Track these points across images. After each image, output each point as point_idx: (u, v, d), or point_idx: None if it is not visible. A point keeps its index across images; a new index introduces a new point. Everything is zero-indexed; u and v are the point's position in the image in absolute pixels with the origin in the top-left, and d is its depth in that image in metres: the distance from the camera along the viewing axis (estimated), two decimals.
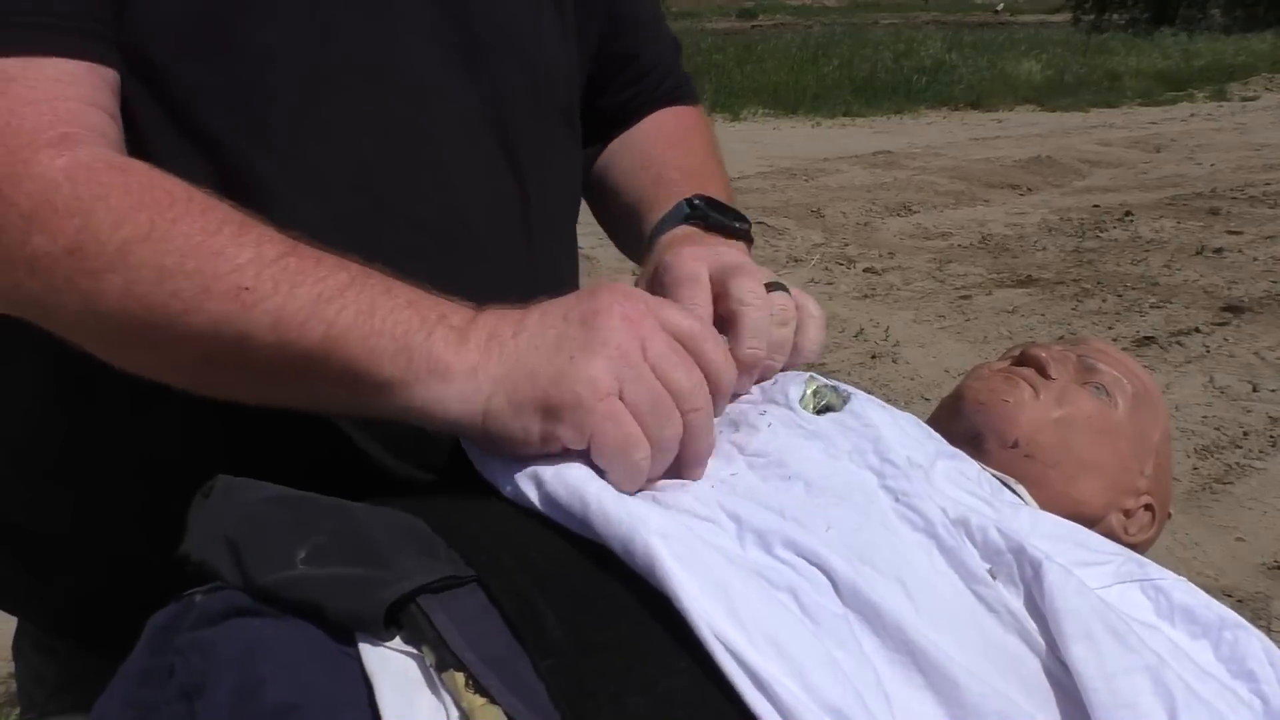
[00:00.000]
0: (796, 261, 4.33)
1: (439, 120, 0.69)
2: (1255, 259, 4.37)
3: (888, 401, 0.67)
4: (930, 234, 4.85)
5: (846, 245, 4.63)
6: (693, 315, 0.62)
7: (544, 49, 0.77)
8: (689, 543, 0.52)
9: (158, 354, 0.57)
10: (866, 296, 3.97)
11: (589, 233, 0.94)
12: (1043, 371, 0.87)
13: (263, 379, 0.57)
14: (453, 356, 0.57)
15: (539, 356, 0.58)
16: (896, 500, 0.61)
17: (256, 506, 0.54)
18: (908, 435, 0.68)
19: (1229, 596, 2.10)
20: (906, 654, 0.54)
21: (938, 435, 0.73)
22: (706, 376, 0.60)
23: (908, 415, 0.74)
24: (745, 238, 0.81)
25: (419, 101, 0.68)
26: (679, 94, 0.95)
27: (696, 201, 0.81)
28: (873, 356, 3.35)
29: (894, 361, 3.32)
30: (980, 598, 0.57)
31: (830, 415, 0.68)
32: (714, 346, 0.61)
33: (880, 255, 4.48)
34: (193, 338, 0.55)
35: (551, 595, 0.51)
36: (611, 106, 0.90)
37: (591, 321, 0.58)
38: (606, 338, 0.57)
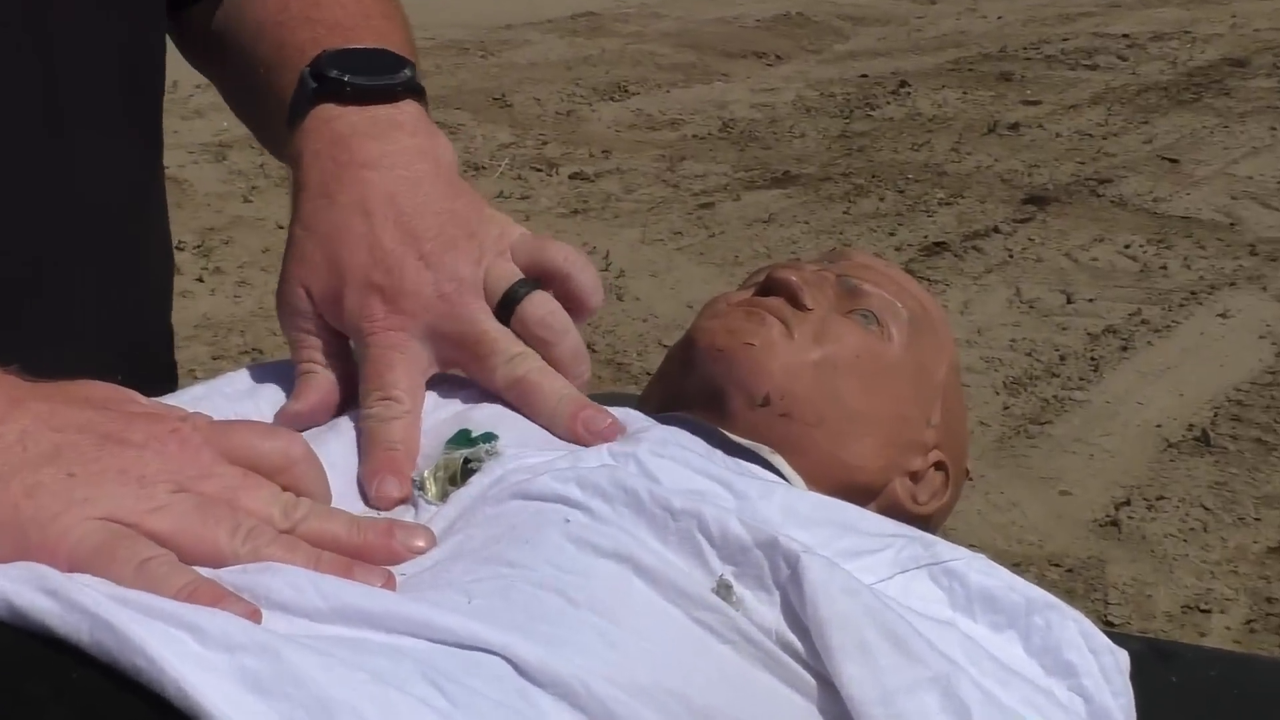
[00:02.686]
0: (478, 169, 4.33)
1: None
2: (1058, 135, 4.76)
3: (615, 354, 0.69)
4: (656, 122, 4.98)
5: (545, 144, 4.67)
6: (279, 434, 0.70)
7: None
8: (278, 670, 0.53)
9: None
10: (577, 212, 4.03)
11: (178, 145, 0.92)
12: (795, 301, 0.90)
13: None
14: None
15: (17, 460, 0.62)
16: (568, 527, 0.63)
17: None
18: None
19: (1057, 566, 2.30)
20: None
21: (637, 414, 0.75)
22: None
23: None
24: (412, 92, 0.84)
25: None
26: None
27: (324, 61, 0.83)
28: None
29: (619, 298, 3.39)
30: (706, 626, 0.59)
31: (472, 479, 0.71)
32: (308, 468, 0.69)
33: (591, 155, 4.55)
34: None
35: None
36: None
37: (121, 437, 0.64)
38: (126, 465, 0.63)
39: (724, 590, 0.60)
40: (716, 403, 0.87)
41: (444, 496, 0.70)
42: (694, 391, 0.89)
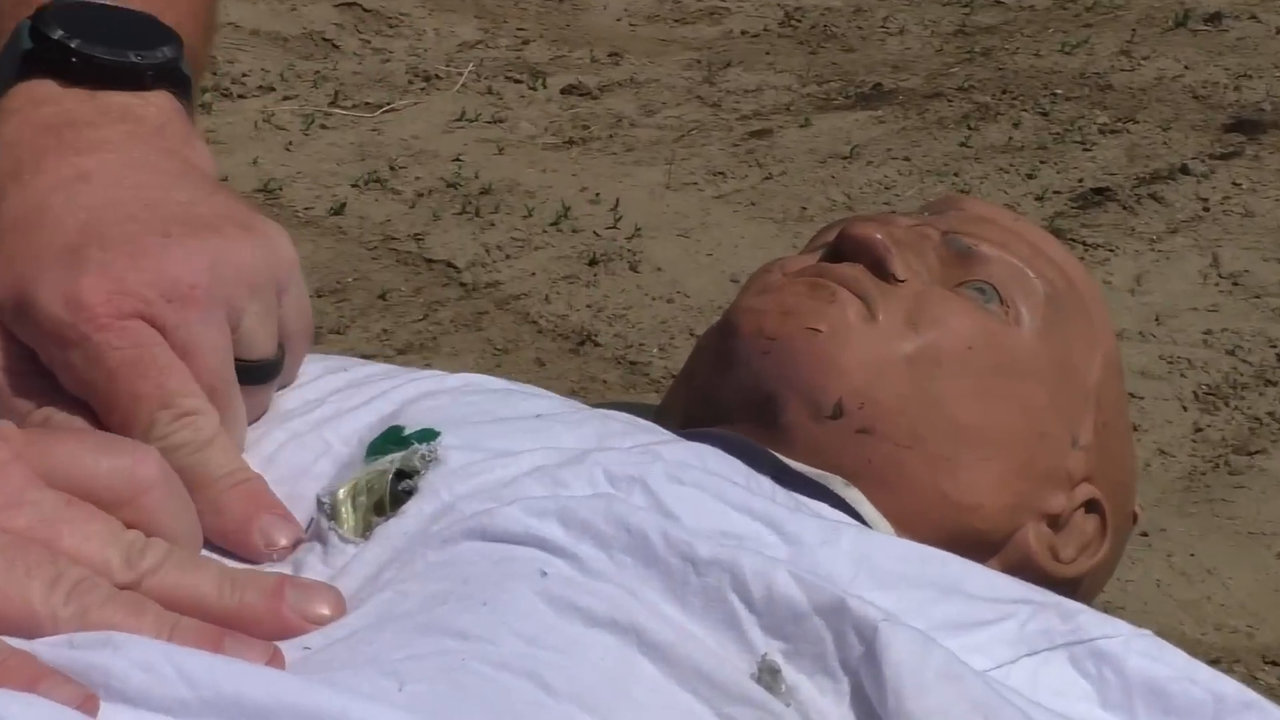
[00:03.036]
0: (429, 80, 4.35)
1: None
2: (1277, 31, 4.74)
3: (627, 348, 0.69)
4: (687, 11, 4.98)
5: (526, 43, 4.68)
6: (122, 449, 0.71)
7: None
8: None
9: None
10: (572, 143, 4.04)
11: None
12: (880, 268, 0.92)
13: None
14: None
15: None
16: (546, 582, 0.64)
17: None
18: (586, 441, 0.73)
19: (1275, 665, 2.29)
20: None
21: (650, 425, 0.75)
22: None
23: (561, 404, 0.80)
24: (170, 81, 0.86)
25: None
26: None
27: (52, 15, 0.85)
28: (591, 262, 3.41)
29: (633, 268, 3.40)
30: None
31: (408, 506, 0.72)
32: (164, 497, 0.70)
33: (594, 59, 4.56)
34: None
35: None
36: None
37: None
38: None
39: (769, 675, 0.61)
40: (766, 413, 0.88)
41: (366, 530, 0.72)
42: (734, 398, 0.90)
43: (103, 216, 0.77)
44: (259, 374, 0.81)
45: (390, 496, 0.73)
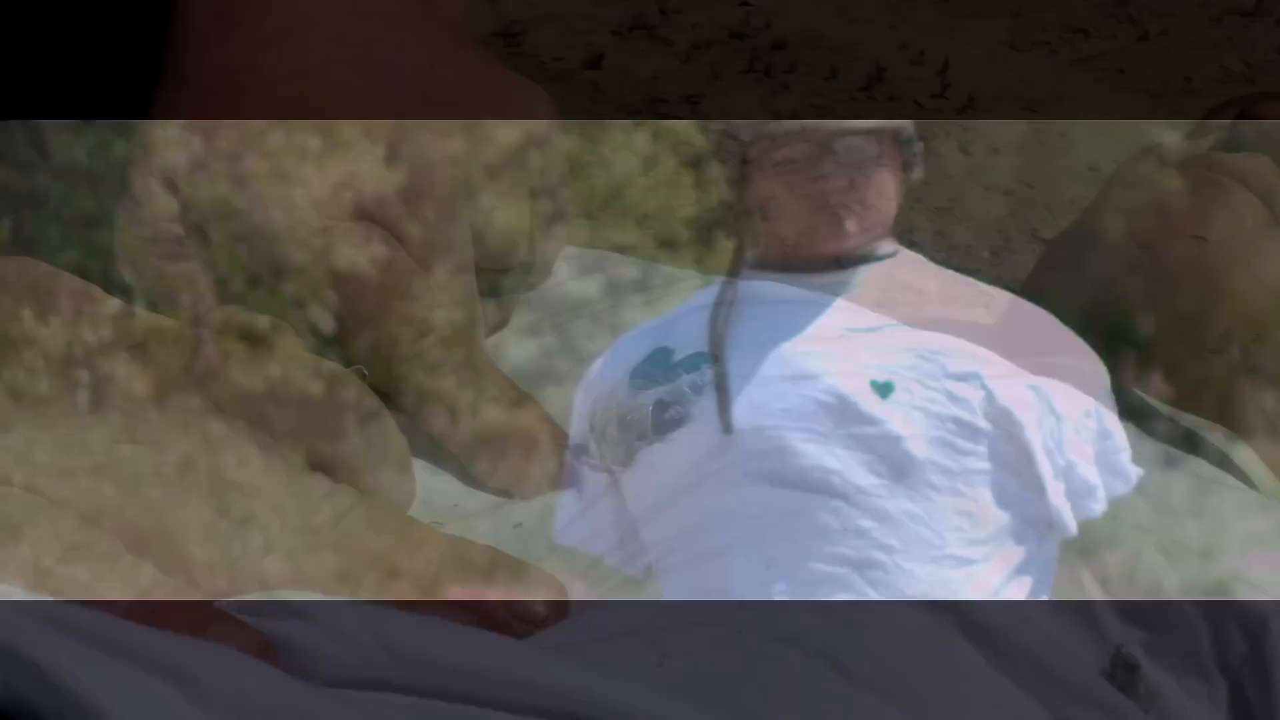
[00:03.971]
0: None
1: None
2: None
3: (952, 252, 0.68)
4: None
5: None
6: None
7: None
8: None
9: None
10: None
11: None
12: None
13: None
14: None
15: None
16: (847, 540, 0.65)
17: None
18: (902, 366, 0.73)
19: None
20: None
21: (975, 348, 0.75)
22: None
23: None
24: None
25: None
26: None
27: None
28: (918, 137, 3.39)
29: (963, 150, 3.37)
30: None
31: (678, 435, 0.74)
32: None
33: None
34: None
35: None
36: None
37: None
38: None
39: (1124, 673, 0.60)
40: (1131, 343, 0.87)
41: (628, 457, 0.73)
42: (1091, 321, 0.89)
43: (321, 85, 0.78)
44: (505, 282, 0.82)
45: (653, 425, 0.74)
